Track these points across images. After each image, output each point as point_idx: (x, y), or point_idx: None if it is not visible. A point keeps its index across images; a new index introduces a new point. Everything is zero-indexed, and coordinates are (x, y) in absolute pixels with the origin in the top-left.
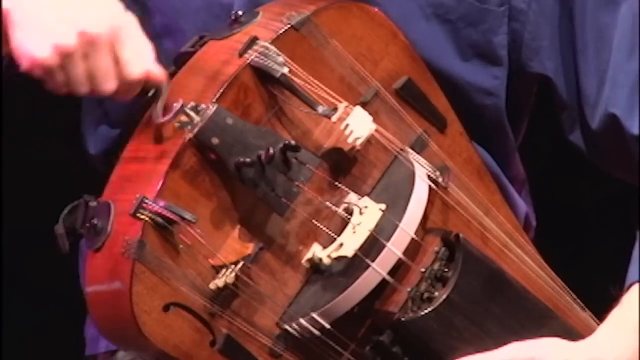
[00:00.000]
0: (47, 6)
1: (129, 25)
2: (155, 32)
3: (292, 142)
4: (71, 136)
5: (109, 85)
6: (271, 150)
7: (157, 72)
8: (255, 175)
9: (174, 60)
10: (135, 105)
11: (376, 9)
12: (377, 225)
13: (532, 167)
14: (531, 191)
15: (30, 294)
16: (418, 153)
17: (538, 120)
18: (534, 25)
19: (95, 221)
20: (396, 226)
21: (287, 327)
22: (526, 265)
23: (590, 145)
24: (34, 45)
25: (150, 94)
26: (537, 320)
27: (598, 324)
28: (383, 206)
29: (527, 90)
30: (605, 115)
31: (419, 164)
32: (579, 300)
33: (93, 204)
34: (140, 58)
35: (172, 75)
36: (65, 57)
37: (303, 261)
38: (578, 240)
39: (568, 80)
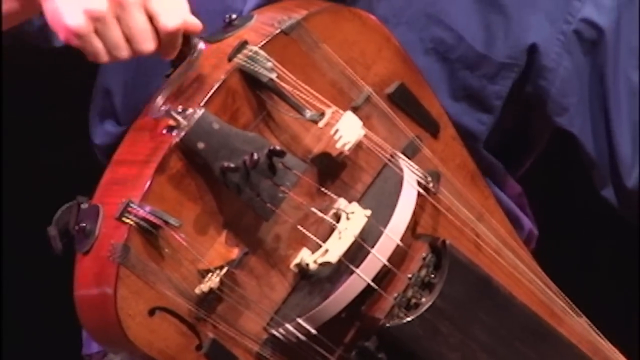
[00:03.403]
0: None
1: None
2: None
3: (278, 147)
4: (74, 134)
5: (148, 44)
6: (256, 156)
7: (194, 21)
8: (240, 180)
9: (171, 62)
10: (142, 104)
11: (369, 14)
12: (362, 231)
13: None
14: (531, 198)
15: (28, 294)
16: (409, 158)
17: None
18: (564, 82)
19: (84, 224)
20: (381, 233)
21: (273, 331)
22: (519, 270)
23: (624, 201)
24: (66, 14)
25: (192, 54)
26: (524, 327)
27: (594, 330)
28: (368, 212)
29: (545, 133)
30: None
31: (410, 169)
32: (574, 306)
33: (84, 206)
34: (173, 8)
35: (167, 77)
36: (98, 22)
37: (291, 266)
38: (576, 246)
39: (597, 139)
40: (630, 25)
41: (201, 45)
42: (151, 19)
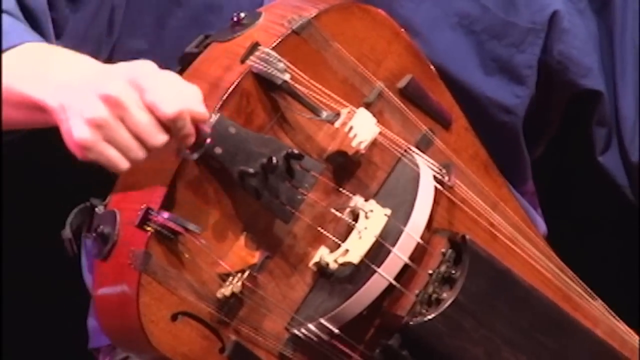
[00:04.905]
0: (68, 85)
1: (147, 69)
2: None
3: (296, 150)
4: None
5: (158, 137)
6: (274, 159)
7: (198, 108)
8: (258, 184)
9: (179, 60)
10: None
11: (378, 9)
12: (382, 231)
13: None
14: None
15: (33, 287)
16: (423, 151)
17: None
18: (583, 42)
19: (101, 229)
20: (401, 231)
21: (295, 331)
22: (534, 258)
23: (625, 164)
24: (73, 129)
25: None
26: (544, 318)
27: (610, 313)
28: (388, 211)
29: (561, 108)
30: None
31: (425, 164)
32: (589, 290)
33: (100, 210)
34: (172, 94)
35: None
36: (104, 129)
37: (310, 264)
38: (587, 232)
39: (610, 98)
40: None
41: (207, 140)
42: (152, 111)
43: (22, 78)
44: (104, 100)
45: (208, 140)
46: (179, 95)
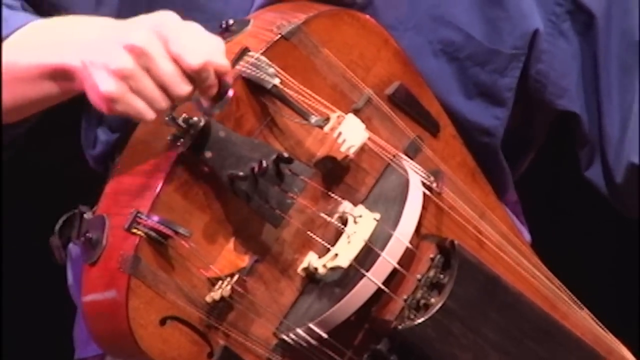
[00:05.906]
0: (88, 42)
1: (170, 20)
2: None
3: (285, 154)
4: (70, 139)
5: (183, 87)
6: (264, 163)
7: (220, 60)
8: (248, 188)
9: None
10: None
11: (367, 16)
12: (371, 235)
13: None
14: (522, 197)
15: (18, 297)
16: (412, 158)
17: None
18: (562, 63)
19: (90, 234)
20: (390, 235)
21: (284, 336)
22: (522, 266)
23: (608, 182)
24: (99, 83)
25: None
26: (533, 324)
27: (596, 322)
28: (378, 216)
29: (544, 126)
30: (626, 161)
31: (413, 170)
32: (576, 299)
33: (88, 216)
34: (196, 46)
35: None
36: (129, 79)
37: (299, 270)
38: (574, 240)
39: (590, 119)
40: (620, 8)
41: (230, 92)
42: (177, 62)
43: (36, 49)
44: (129, 51)
45: (230, 93)
46: (203, 46)
